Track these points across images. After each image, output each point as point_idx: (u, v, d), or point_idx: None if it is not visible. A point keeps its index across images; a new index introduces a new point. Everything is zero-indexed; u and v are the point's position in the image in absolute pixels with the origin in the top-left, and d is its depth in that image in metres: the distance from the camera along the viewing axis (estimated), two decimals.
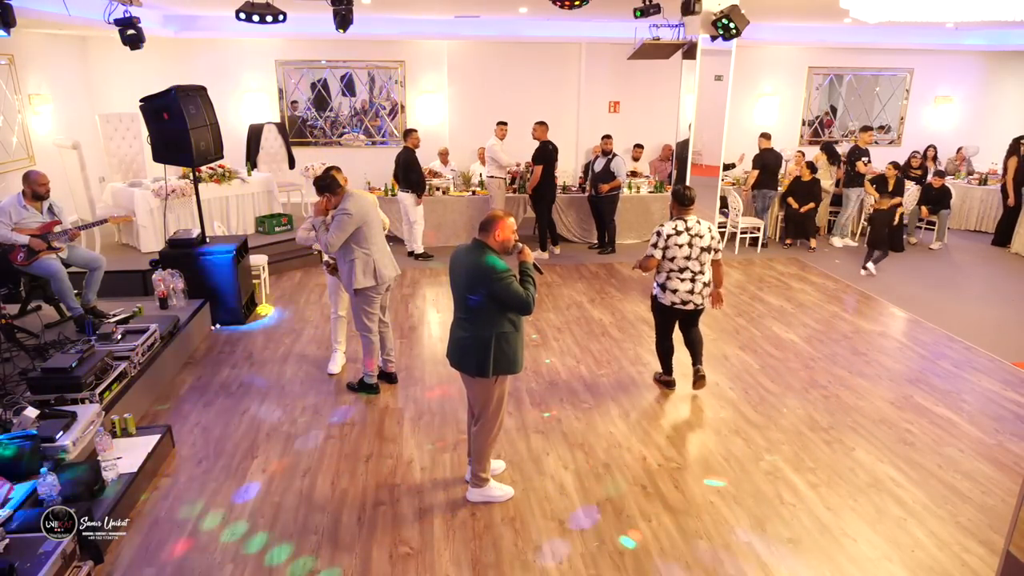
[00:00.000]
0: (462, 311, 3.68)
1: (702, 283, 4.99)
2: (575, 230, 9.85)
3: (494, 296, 3.51)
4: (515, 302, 3.51)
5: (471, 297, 3.57)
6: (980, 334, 6.54)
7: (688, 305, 5.02)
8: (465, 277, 3.58)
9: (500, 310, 3.56)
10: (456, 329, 3.74)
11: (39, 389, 4.27)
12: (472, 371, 3.67)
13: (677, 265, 4.93)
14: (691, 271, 4.93)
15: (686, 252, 4.89)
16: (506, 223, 3.60)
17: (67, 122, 9.60)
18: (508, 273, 3.50)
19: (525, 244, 3.74)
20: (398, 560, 3.48)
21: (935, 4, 5.24)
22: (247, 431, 4.71)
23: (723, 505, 3.95)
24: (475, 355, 3.62)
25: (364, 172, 10.16)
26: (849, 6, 5.75)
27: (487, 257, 3.53)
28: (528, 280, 3.60)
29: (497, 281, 3.47)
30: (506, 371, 3.69)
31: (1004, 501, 4.01)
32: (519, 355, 3.72)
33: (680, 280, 4.96)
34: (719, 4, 6.34)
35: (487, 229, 3.59)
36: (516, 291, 3.49)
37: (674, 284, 4.98)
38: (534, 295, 3.57)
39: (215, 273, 6.45)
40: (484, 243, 3.59)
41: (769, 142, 9.45)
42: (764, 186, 9.42)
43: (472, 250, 3.61)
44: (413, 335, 6.44)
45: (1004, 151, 10.20)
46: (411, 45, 11.41)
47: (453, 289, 3.75)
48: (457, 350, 3.73)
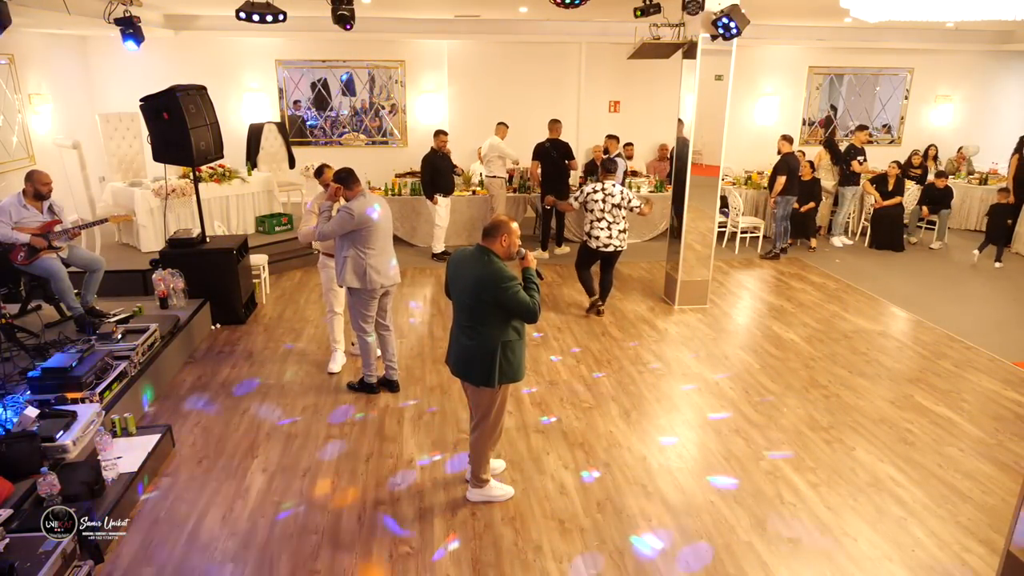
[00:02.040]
0: (466, 319, 3.62)
1: (617, 230, 6.55)
2: (576, 230, 9.85)
3: (501, 304, 3.48)
4: (522, 310, 3.49)
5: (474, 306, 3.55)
6: (980, 334, 6.54)
7: (609, 247, 6.58)
8: (471, 285, 3.54)
9: (506, 318, 3.54)
10: (460, 337, 3.68)
11: (39, 389, 4.27)
12: (478, 381, 3.63)
13: (595, 216, 6.54)
14: (607, 221, 6.52)
15: (601, 207, 6.50)
16: (512, 229, 3.57)
17: (67, 122, 9.60)
18: (515, 281, 3.48)
19: (527, 248, 3.74)
20: (398, 560, 3.48)
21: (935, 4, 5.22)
22: (247, 431, 4.71)
23: (723, 505, 3.95)
24: (480, 365, 3.58)
25: (364, 172, 10.15)
26: (849, 6, 5.73)
27: (494, 265, 3.51)
28: (532, 287, 3.57)
29: (505, 290, 3.44)
30: (510, 379, 3.66)
31: (1004, 501, 4.01)
32: (523, 363, 3.71)
33: (600, 228, 6.54)
34: (719, 4, 6.33)
35: (492, 235, 3.56)
36: (523, 299, 3.46)
37: (596, 231, 6.56)
38: (539, 302, 3.55)
39: (215, 273, 6.45)
40: (489, 249, 3.56)
41: (791, 145, 9.06)
42: (787, 192, 9.01)
43: (477, 257, 3.56)
44: (413, 335, 6.44)
45: (1004, 151, 10.21)
46: (411, 45, 11.41)
47: (454, 295, 3.71)
48: (461, 359, 3.68)
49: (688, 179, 6.92)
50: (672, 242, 7.42)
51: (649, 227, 9.98)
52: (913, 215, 9.99)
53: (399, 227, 9.32)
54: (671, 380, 5.56)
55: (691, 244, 7.12)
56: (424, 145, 11.59)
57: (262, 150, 10.21)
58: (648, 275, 8.39)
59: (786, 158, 9.04)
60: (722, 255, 9.15)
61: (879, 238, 9.68)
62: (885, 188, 9.64)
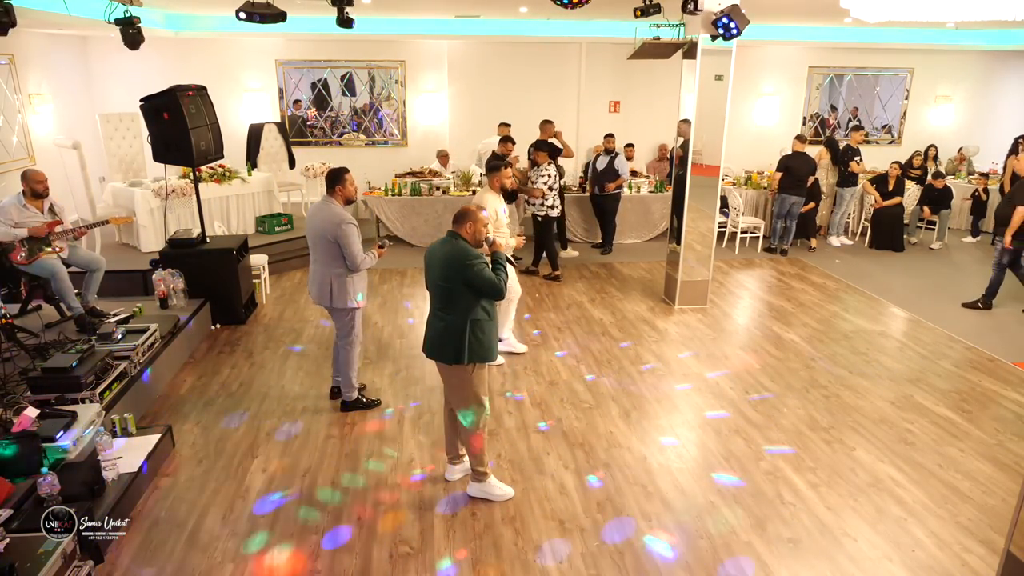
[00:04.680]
0: (438, 301, 3.77)
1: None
2: (577, 230, 9.85)
3: (467, 282, 3.61)
4: (487, 287, 3.62)
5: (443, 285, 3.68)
6: (980, 334, 6.54)
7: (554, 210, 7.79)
8: (440, 267, 3.69)
9: (474, 297, 3.66)
10: (432, 321, 3.83)
11: (39, 389, 4.27)
12: (449, 359, 3.73)
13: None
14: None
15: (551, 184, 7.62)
16: (479, 218, 3.74)
17: (67, 122, 9.60)
18: (481, 260, 3.64)
19: (498, 240, 3.92)
20: (398, 560, 3.48)
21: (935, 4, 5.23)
22: (247, 431, 4.71)
23: (723, 505, 3.95)
24: (451, 343, 3.70)
25: (364, 172, 10.15)
26: (849, 6, 5.75)
27: (460, 245, 3.67)
28: (500, 268, 3.72)
29: (469, 267, 3.59)
30: (481, 359, 3.75)
31: (1004, 501, 4.01)
32: (494, 343, 3.83)
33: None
34: (719, 4, 6.33)
35: (460, 222, 3.73)
36: (488, 276, 3.62)
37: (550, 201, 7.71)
38: (505, 280, 3.70)
39: (215, 273, 6.45)
40: (457, 234, 3.72)
41: (804, 145, 9.04)
42: (785, 190, 9.05)
43: (445, 241, 3.74)
44: (412, 334, 6.44)
45: (1004, 151, 10.20)
46: (411, 45, 11.41)
47: (428, 282, 3.85)
48: (433, 340, 3.81)
49: (688, 179, 6.92)
50: (672, 242, 7.42)
51: (649, 227, 9.98)
52: (913, 215, 9.99)
53: (399, 227, 9.32)
54: (671, 380, 5.56)
55: (691, 244, 7.12)
56: (424, 145, 11.68)
57: (262, 150, 10.21)
58: (648, 275, 8.39)
59: (786, 158, 9.08)
60: (722, 255, 9.16)
61: (879, 238, 9.68)
62: (885, 188, 9.64)
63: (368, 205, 9.39)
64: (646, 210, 9.85)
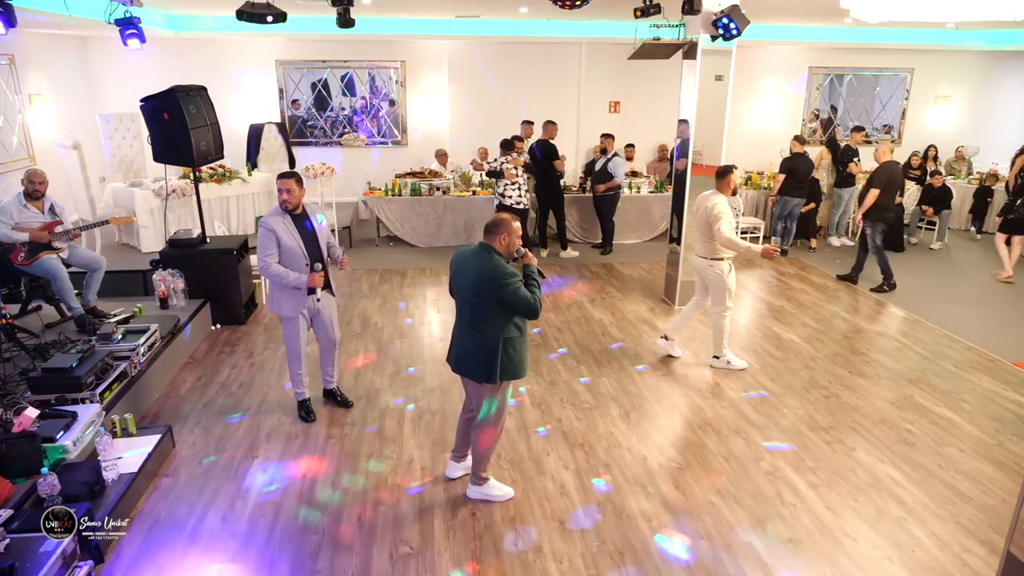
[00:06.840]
0: (468, 316, 3.64)
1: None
2: (577, 230, 9.85)
3: (502, 301, 3.50)
4: (523, 306, 3.51)
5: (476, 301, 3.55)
6: (980, 334, 6.54)
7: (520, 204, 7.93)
8: (472, 283, 3.56)
9: (508, 315, 3.56)
10: (461, 335, 3.71)
11: (39, 389, 4.27)
12: (480, 378, 3.64)
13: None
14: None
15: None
16: (513, 228, 3.58)
17: (67, 122, 9.61)
18: (516, 278, 3.50)
19: (527, 248, 3.76)
20: (398, 560, 3.48)
21: (935, 4, 5.24)
22: (247, 431, 4.71)
23: (723, 505, 3.95)
24: (482, 361, 3.59)
25: (364, 172, 10.16)
26: (849, 6, 5.76)
27: (495, 262, 3.52)
28: (533, 284, 3.60)
29: (506, 286, 3.46)
30: (512, 376, 3.67)
31: (1004, 501, 4.01)
32: (525, 359, 3.72)
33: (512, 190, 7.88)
34: (719, 4, 6.33)
35: (493, 232, 3.58)
36: (524, 295, 3.49)
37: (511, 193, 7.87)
38: (540, 299, 3.57)
39: (215, 273, 6.45)
40: (490, 247, 3.57)
41: (803, 147, 9.08)
42: (787, 192, 9.06)
43: (479, 255, 3.58)
44: (413, 334, 6.44)
45: (1004, 151, 10.19)
46: (411, 45, 11.42)
47: (456, 293, 3.73)
48: (462, 356, 3.70)
49: (688, 178, 6.93)
50: (672, 242, 7.42)
51: (649, 227, 9.98)
52: (913, 215, 9.99)
53: (399, 227, 9.32)
54: (671, 380, 5.56)
55: (691, 244, 7.10)
56: (424, 145, 11.68)
57: (262, 150, 10.22)
58: (648, 275, 8.39)
59: (788, 160, 9.08)
60: None
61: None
62: None
63: (368, 205, 9.39)
64: (646, 210, 9.85)
